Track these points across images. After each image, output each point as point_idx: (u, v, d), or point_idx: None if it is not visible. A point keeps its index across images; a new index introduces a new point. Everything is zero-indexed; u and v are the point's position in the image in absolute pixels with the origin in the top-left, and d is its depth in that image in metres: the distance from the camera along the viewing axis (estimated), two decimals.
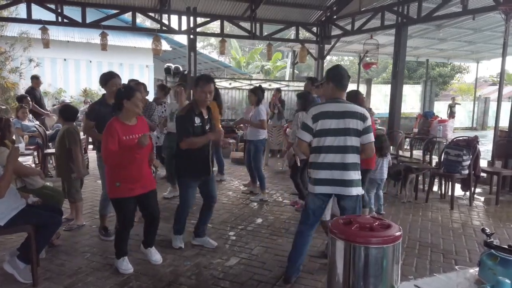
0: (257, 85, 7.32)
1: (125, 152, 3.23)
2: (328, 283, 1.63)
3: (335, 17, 10.25)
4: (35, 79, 8.84)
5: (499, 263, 1.69)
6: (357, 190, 3.13)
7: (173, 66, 11.32)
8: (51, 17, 8.33)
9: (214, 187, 4.06)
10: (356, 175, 3.12)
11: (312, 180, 3.18)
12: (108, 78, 3.99)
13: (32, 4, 8.07)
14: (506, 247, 1.74)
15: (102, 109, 3.98)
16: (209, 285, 3.30)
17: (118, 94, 3.34)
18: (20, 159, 3.72)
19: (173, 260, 3.74)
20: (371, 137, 3.12)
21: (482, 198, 6.36)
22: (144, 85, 5.35)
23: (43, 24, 8.25)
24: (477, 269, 1.83)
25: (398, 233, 1.47)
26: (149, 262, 3.64)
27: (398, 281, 1.59)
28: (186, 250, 3.96)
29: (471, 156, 5.66)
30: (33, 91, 8.60)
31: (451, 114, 16.55)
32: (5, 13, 9.81)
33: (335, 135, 3.05)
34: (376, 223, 1.52)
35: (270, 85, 12.40)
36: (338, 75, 3.17)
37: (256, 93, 5.93)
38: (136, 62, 15.10)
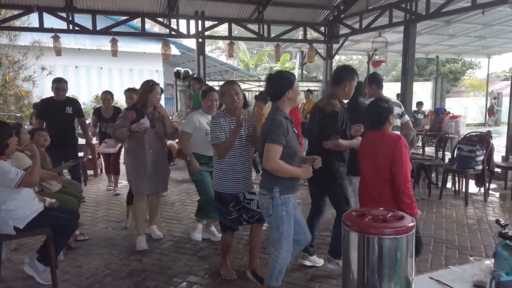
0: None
1: None
2: (343, 276, 1.65)
3: (342, 16, 10.22)
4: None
5: None
6: None
7: (182, 70, 11.39)
8: (63, 25, 8.47)
9: None
10: None
11: None
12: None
13: (44, 13, 8.23)
14: None
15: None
16: (224, 285, 3.33)
17: None
18: None
19: (188, 260, 3.78)
20: None
21: (497, 194, 6.29)
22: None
23: (55, 32, 8.38)
24: (493, 260, 1.83)
25: (411, 224, 1.48)
26: (164, 261, 3.69)
27: (413, 274, 1.60)
28: (201, 250, 4.00)
29: (484, 152, 5.60)
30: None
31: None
32: (18, 22, 10.05)
33: None
34: (389, 215, 1.53)
35: None
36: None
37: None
38: (146, 68, 15.24)
